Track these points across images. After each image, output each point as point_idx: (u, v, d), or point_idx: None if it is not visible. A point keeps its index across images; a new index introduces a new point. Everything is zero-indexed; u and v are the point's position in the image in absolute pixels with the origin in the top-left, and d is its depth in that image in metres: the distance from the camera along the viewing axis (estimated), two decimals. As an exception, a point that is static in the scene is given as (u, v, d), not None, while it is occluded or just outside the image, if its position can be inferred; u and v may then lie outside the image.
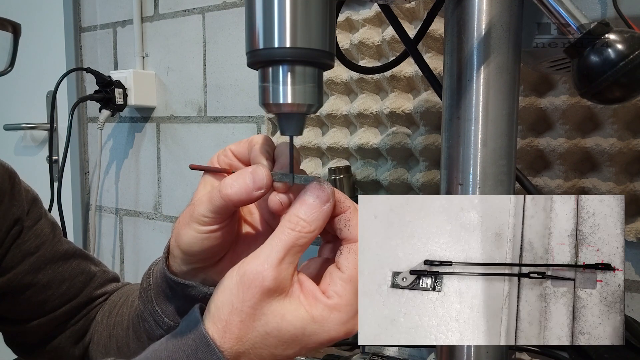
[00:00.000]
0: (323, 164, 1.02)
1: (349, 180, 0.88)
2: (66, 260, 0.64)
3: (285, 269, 0.36)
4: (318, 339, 0.36)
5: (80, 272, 0.65)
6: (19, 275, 0.60)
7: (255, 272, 0.36)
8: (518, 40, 0.44)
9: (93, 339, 0.63)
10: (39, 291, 0.61)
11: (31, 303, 0.61)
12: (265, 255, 0.36)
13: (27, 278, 0.61)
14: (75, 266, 0.65)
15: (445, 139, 0.46)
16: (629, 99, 0.35)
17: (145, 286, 0.51)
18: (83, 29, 1.43)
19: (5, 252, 0.60)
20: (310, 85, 0.38)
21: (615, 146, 0.72)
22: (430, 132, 0.87)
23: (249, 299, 0.36)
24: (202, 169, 0.46)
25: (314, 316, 0.36)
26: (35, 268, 0.61)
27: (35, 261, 0.61)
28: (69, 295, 0.63)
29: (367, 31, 0.92)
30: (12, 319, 0.63)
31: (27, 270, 0.61)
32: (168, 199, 1.31)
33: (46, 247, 0.63)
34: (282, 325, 0.36)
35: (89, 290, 0.65)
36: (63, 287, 0.63)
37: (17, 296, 0.60)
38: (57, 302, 0.63)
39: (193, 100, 1.24)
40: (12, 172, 0.62)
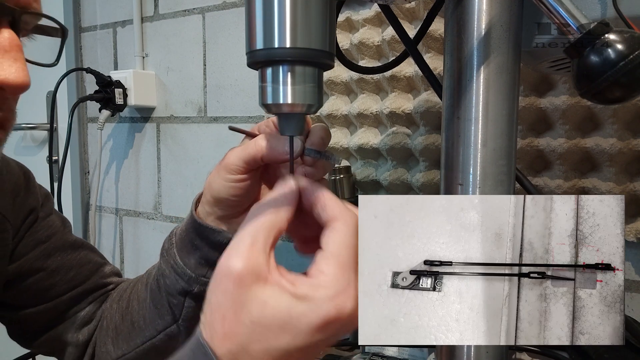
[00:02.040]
0: (323, 164, 1.02)
1: (349, 180, 0.88)
2: (75, 249, 0.67)
3: (256, 255, 0.35)
4: (309, 321, 0.34)
5: (87, 261, 0.67)
6: (29, 260, 0.62)
7: (223, 264, 0.35)
8: (518, 40, 0.44)
9: (102, 325, 0.64)
10: (47, 276, 0.63)
11: (38, 288, 0.63)
12: (231, 246, 0.36)
13: (37, 263, 0.63)
14: (83, 256, 0.67)
15: (445, 139, 0.46)
16: (629, 99, 0.35)
17: (167, 247, 0.55)
18: (83, 29, 1.43)
19: (19, 240, 0.63)
20: (310, 85, 0.38)
21: (615, 146, 0.72)
22: (430, 132, 0.87)
23: (223, 292, 0.35)
24: (242, 132, 0.52)
25: (298, 295, 0.35)
26: (45, 254, 0.64)
27: (45, 248, 0.64)
28: (75, 282, 0.65)
29: (367, 31, 0.92)
30: (18, 305, 0.64)
31: (37, 256, 0.63)
32: (168, 199, 1.31)
33: (57, 237, 0.66)
34: (266, 311, 0.34)
35: (95, 279, 0.67)
36: (70, 274, 0.65)
37: (26, 280, 0.62)
38: (64, 287, 0.64)
39: (193, 100, 1.24)
40: (27, 171, 0.67)
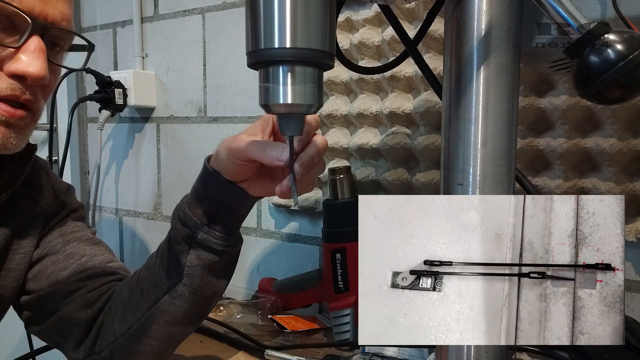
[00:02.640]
0: (323, 164, 1.02)
1: (349, 181, 0.88)
2: (92, 244, 0.74)
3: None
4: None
5: (100, 253, 0.73)
6: (50, 244, 0.71)
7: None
8: (518, 41, 0.44)
9: (110, 306, 0.67)
10: (63, 259, 0.70)
11: (52, 270, 0.69)
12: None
13: (57, 247, 0.71)
14: (97, 249, 0.73)
15: (445, 139, 0.46)
16: (628, 99, 0.35)
17: (178, 205, 0.61)
18: (83, 29, 1.43)
19: (50, 230, 0.71)
20: (310, 86, 0.38)
21: (615, 146, 0.72)
22: (430, 132, 0.87)
23: None
24: None
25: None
26: (65, 241, 0.71)
27: (67, 237, 0.72)
28: (85, 266, 0.70)
29: (367, 31, 0.92)
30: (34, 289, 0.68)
31: (59, 241, 0.71)
32: (168, 199, 1.31)
33: (80, 233, 0.74)
34: None
35: (104, 266, 0.71)
36: (82, 259, 0.70)
37: (43, 259, 0.69)
38: (74, 270, 0.69)
39: (193, 101, 1.24)
40: (47, 166, 0.75)
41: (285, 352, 0.76)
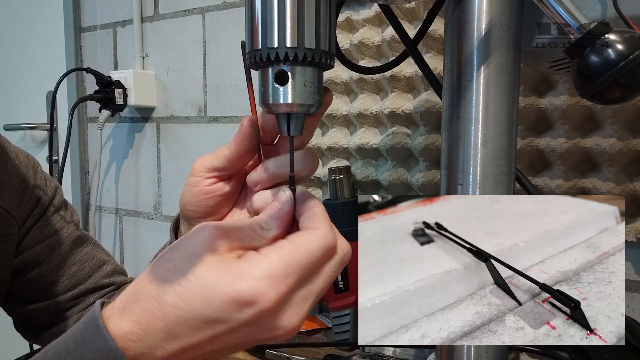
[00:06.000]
0: (323, 164, 1.02)
1: (349, 181, 0.88)
2: (79, 245, 0.69)
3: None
4: (225, 290, 0.32)
5: (91, 257, 0.69)
6: (34, 252, 0.64)
7: None
8: (518, 40, 0.44)
9: None
10: (50, 271, 0.65)
11: (42, 283, 0.65)
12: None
13: (41, 256, 0.65)
14: (87, 251, 0.69)
15: (445, 139, 0.46)
16: (629, 99, 0.35)
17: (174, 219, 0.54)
18: (83, 29, 1.43)
19: (26, 232, 0.64)
20: (311, 85, 0.38)
21: (615, 146, 0.72)
22: (430, 132, 0.87)
23: None
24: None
25: (227, 265, 0.34)
26: (49, 247, 0.66)
27: (50, 241, 0.66)
28: (77, 279, 0.67)
29: (367, 31, 0.92)
30: (24, 298, 0.65)
31: (42, 248, 0.65)
32: (168, 199, 1.31)
33: (63, 232, 0.67)
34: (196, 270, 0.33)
35: (97, 277, 0.68)
36: (72, 270, 0.67)
37: (30, 272, 0.64)
38: (65, 284, 0.66)
39: (193, 101, 1.24)
40: (35, 162, 0.69)
41: (285, 352, 0.76)
